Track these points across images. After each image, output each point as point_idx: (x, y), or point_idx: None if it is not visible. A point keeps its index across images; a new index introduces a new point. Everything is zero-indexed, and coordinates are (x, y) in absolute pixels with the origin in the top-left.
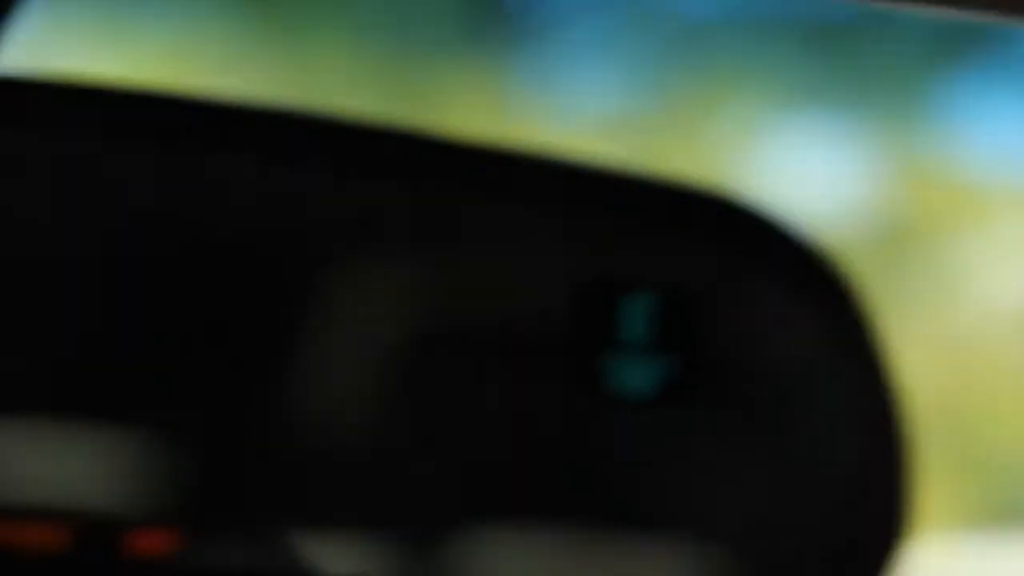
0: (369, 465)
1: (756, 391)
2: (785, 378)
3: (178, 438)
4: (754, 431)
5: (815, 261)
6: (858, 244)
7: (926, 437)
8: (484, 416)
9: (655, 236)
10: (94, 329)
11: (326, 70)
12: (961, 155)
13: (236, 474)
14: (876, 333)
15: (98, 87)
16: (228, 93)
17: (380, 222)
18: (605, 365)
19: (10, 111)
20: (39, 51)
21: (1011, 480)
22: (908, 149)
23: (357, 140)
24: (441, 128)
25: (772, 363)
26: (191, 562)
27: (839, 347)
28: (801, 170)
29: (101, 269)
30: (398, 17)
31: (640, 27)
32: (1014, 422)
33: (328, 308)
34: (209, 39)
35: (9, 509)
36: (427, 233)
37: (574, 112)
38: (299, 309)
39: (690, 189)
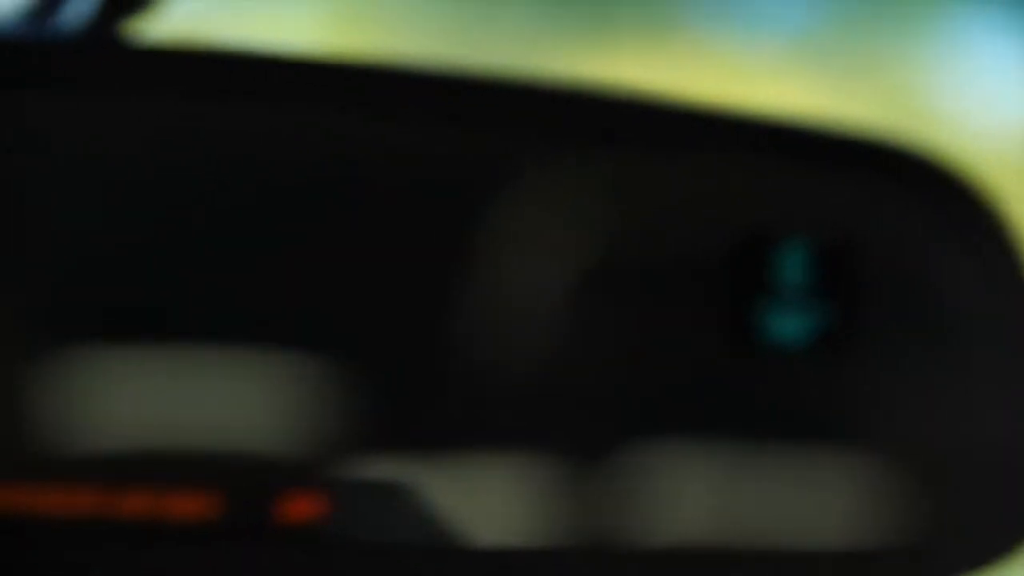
0: (532, 403)
1: (916, 339)
2: (945, 325)
3: (331, 391)
4: (914, 379)
5: (976, 206)
6: None
7: None
8: (644, 357)
9: (811, 182)
10: (250, 278)
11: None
12: None
13: (395, 430)
14: None
15: (237, 52)
16: (404, 54)
17: (545, 169)
18: (761, 314)
19: (157, 77)
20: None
21: None
22: None
23: (523, 97)
24: (616, 70)
25: (932, 311)
26: (344, 529)
27: (1001, 293)
28: (984, 95)
29: (258, 219)
30: None
31: None
32: None
33: (490, 250)
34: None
35: (156, 477)
36: (590, 179)
37: (755, 42)
38: (457, 258)
39: (847, 134)
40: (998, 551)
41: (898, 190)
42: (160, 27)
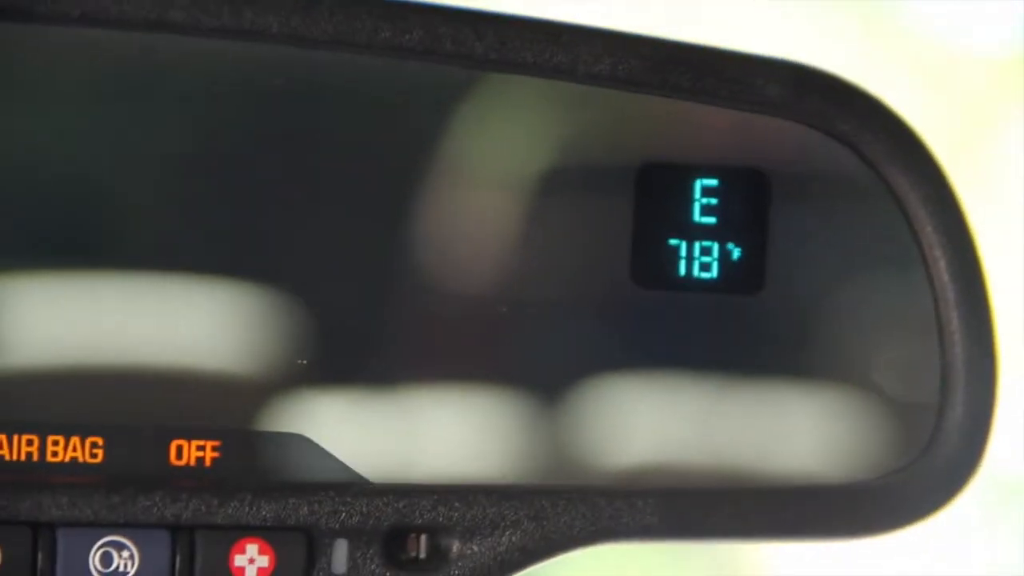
0: (429, 357)
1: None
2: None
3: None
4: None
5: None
6: None
7: None
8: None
9: (724, 112)
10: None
11: None
12: None
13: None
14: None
15: None
16: None
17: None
18: (674, 248)
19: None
20: None
21: None
22: None
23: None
24: None
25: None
26: (231, 473)
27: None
28: None
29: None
30: None
31: None
32: None
33: (420, 182)
34: None
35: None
36: (517, 106)
37: None
38: (389, 189)
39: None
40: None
41: (814, 122)
42: None
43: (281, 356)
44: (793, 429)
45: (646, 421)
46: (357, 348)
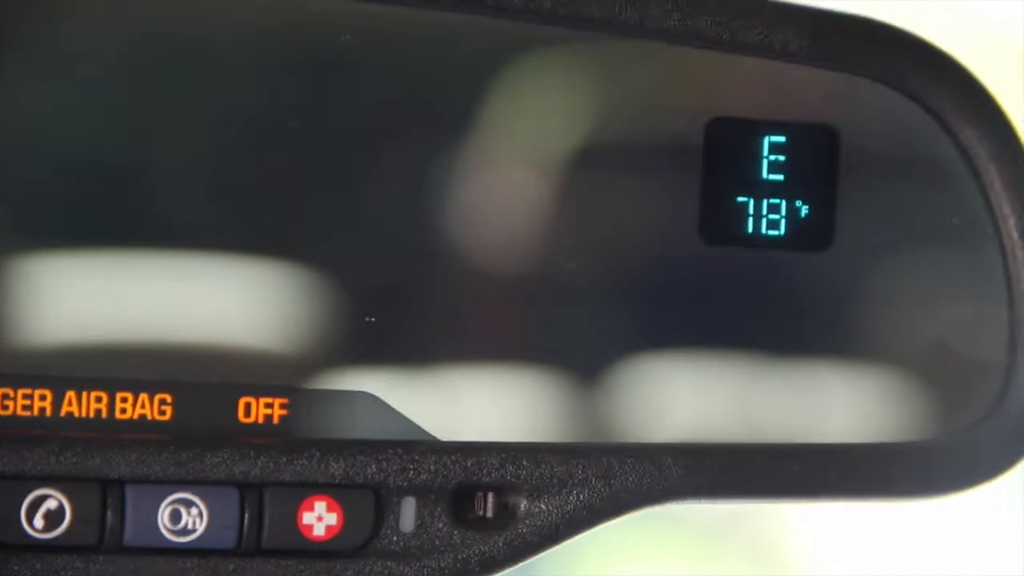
0: (494, 316)
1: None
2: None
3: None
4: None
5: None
6: None
7: None
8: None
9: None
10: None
11: None
12: None
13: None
14: None
15: None
16: None
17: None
18: (742, 205)
19: None
20: None
21: None
22: None
23: None
24: None
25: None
26: (299, 430)
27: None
28: None
29: (230, 116)
30: None
31: None
32: None
33: (469, 148)
34: None
35: (111, 381)
36: (574, 65)
37: None
38: (432, 157)
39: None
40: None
41: (884, 78)
42: None
43: (350, 315)
44: (860, 387)
45: (714, 378)
46: (425, 307)
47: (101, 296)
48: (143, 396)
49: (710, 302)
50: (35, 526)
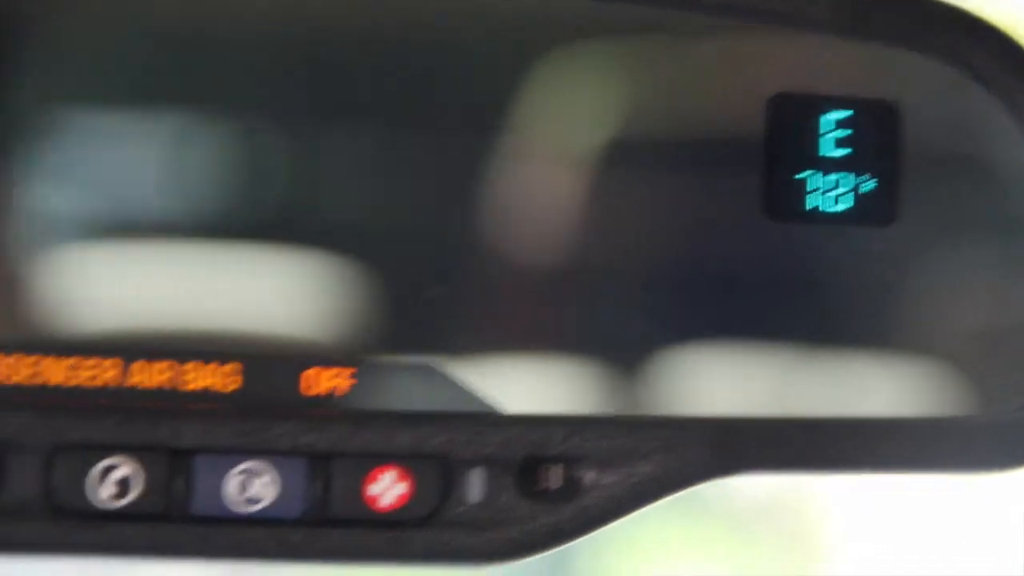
0: (557, 288)
1: (958, 207)
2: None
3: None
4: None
5: None
6: None
7: None
8: (685, 231)
9: (855, 47)
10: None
11: None
12: None
13: (416, 310)
14: None
15: None
16: None
17: (577, 33)
18: (801, 182)
19: None
20: None
21: None
22: None
23: None
24: None
25: (976, 177)
26: (365, 401)
27: None
28: None
29: (284, 95)
30: None
31: None
32: None
33: (523, 125)
34: None
35: (179, 350)
36: (616, 43)
37: None
38: (487, 136)
39: None
40: None
41: (947, 55)
42: None
43: (416, 287)
44: (920, 361)
45: (777, 351)
46: (492, 279)
47: (170, 270)
48: (211, 367)
49: (774, 277)
50: (104, 495)
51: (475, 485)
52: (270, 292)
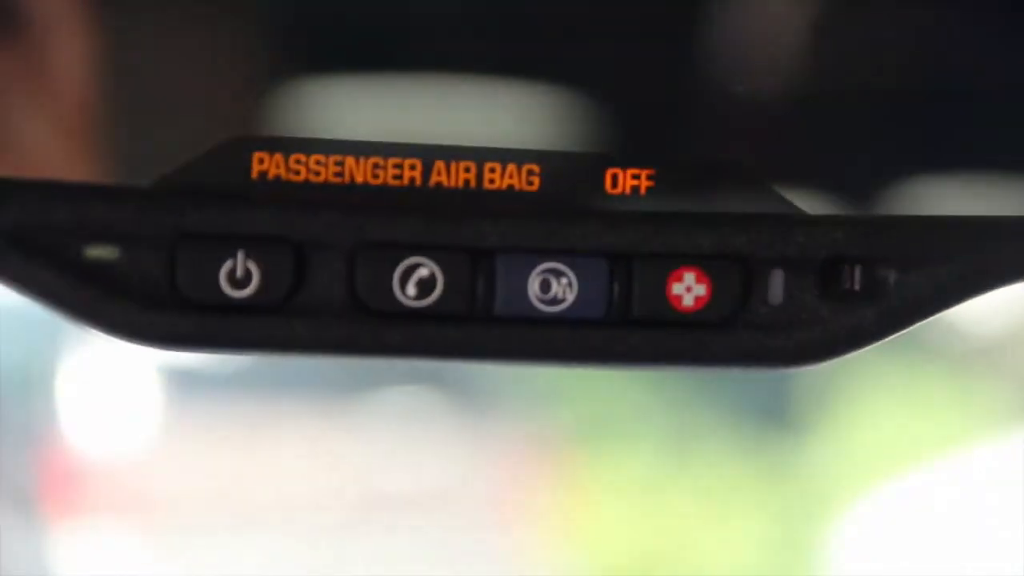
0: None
1: None
2: None
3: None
4: None
5: None
6: None
7: None
8: None
9: None
10: None
11: None
12: None
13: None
14: None
15: None
16: None
17: None
18: None
19: None
20: None
21: None
22: None
23: None
24: None
25: None
26: (665, 202)
27: None
28: None
29: None
30: None
31: None
32: None
33: None
34: None
35: (479, 151)
36: None
37: None
38: None
39: None
40: None
41: None
42: None
43: (715, 83)
44: None
45: None
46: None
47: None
48: (511, 167)
49: None
50: (408, 294)
51: (776, 286)
52: (559, 98)
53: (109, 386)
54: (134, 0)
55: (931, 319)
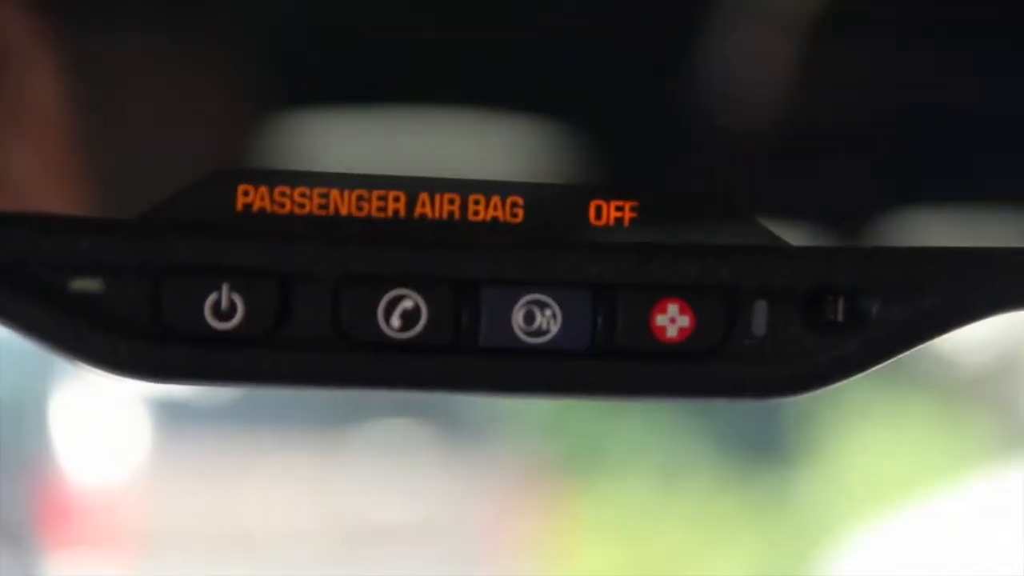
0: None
1: None
2: None
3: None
4: None
5: None
6: None
7: None
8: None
9: None
10: None
11: None
12: None
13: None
14: None
15: None
16: None
17: None
18: None
19: None
20: None
21: None
22: None
23: None
24: None
25: None
26: (649, 233)
27: None
28: None
29: None
30: None
31: None
32: None
33: None
34: None
35: (464, 183)
36: None
37: None
38: None
39: None
40: None
41: None
42: None
43: (699, 116)
44: None
45: None
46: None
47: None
48: (495, 199)
49: None
50: (393, 325)
51: (759, 318)
52: (543, 130)
53: (101, 419)
54: (118, 34)
55: (915, 350)
